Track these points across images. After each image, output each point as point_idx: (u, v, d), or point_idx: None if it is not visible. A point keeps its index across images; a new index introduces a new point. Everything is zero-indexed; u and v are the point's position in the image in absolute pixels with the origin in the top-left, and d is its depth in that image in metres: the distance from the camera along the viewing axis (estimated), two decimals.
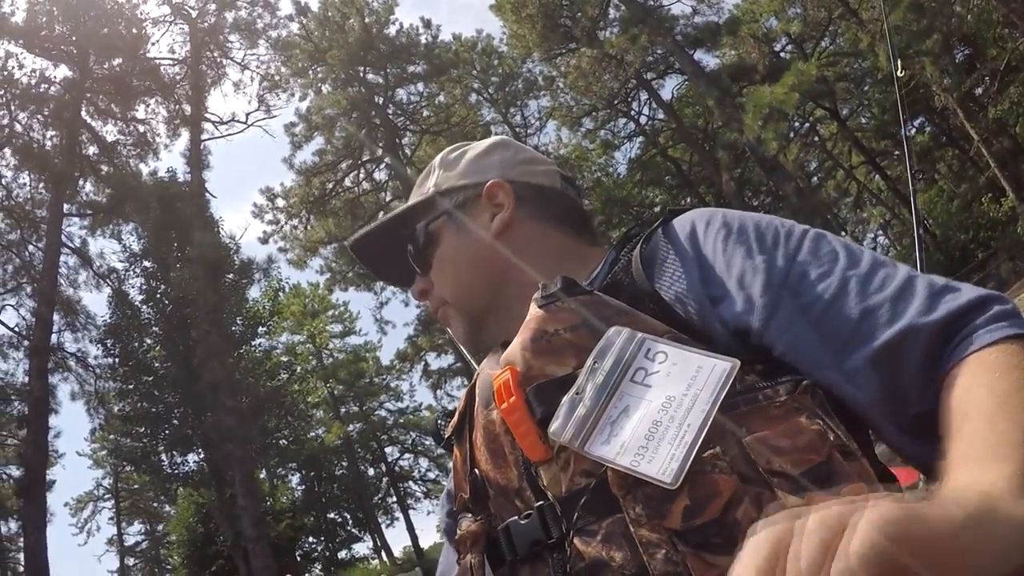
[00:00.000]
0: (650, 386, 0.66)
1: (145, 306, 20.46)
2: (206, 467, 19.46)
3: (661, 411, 0.64)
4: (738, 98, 17.89)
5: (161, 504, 31.20)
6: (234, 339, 19.64)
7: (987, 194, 21.20)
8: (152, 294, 20.19)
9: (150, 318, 20.30)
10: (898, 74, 2.47)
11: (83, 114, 20.63)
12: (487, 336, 0.92)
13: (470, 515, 0.80)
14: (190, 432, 19.08)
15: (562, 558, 0.68)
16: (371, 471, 33.25)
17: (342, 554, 30.26)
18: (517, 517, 0.72)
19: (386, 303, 25.26)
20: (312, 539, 29.45)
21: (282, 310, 27.20)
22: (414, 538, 30.32)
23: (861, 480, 0.61)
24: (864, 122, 25.24)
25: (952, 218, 22.46)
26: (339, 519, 31.30)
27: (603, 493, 0.65)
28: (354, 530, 31.24)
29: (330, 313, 33.33)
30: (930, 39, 16.88)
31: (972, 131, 19.11)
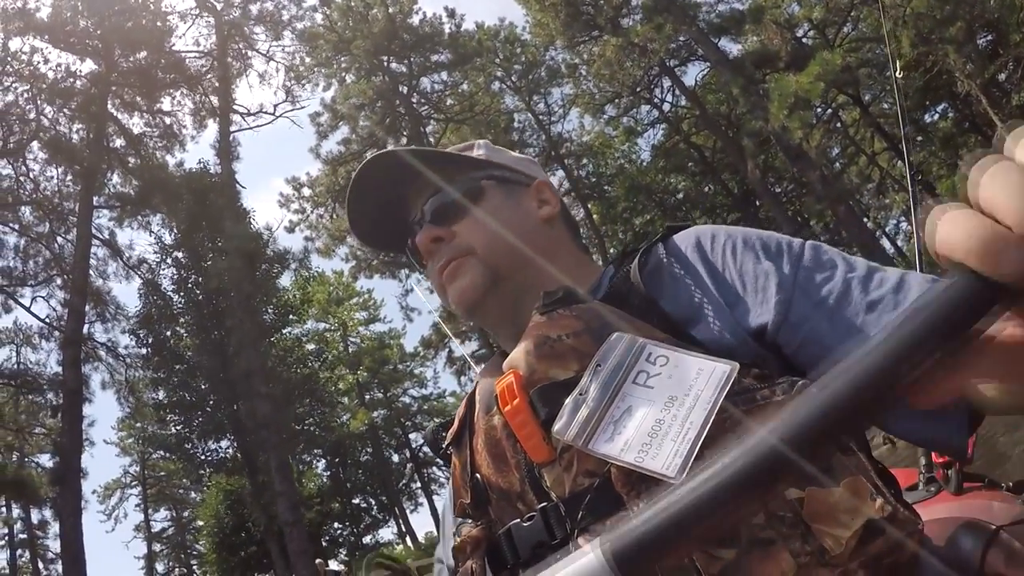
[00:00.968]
0: (652, 387, 0.67)
1: (176, 295, 20.75)
2: (238, 454, 19.71)
3: (664, 410, 0.65)
4: (762, 85, 17.92)
5: (187, 491, 31.67)
6: (266, 327, 19.85)
7: None
8: (183, 284, 20.43)
9: (182, 308, 20.56)
10: (898, 75, 2.43)
11: (109, 107, 20.73)
12: (493, 297, 0.91)
13: (470, 521, 0.80)
14: (224, 420, 19.31)
15: None
16: (395, 457, 33.41)
17: (367, 539, 30.62)
18: (519, 520, 0.73)
19: (410, 291, 25.37)
20: (338, 524, 29.83)
21: (311, 298, 27.44)
22: (438, 523, 30.49)
23: (859, 474, 0.63)
24: (887, 107, 25.12)
25: None
26: (364, 505, 31.65)
27: (607, 492, 0.66)
28: (379, 515, 31.57)
29: (354, 300, 33.45)
30: (953, 26, 16.88)
31: (995, 118, 19.06)
